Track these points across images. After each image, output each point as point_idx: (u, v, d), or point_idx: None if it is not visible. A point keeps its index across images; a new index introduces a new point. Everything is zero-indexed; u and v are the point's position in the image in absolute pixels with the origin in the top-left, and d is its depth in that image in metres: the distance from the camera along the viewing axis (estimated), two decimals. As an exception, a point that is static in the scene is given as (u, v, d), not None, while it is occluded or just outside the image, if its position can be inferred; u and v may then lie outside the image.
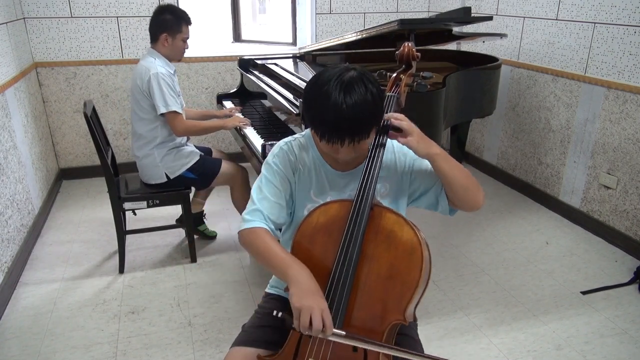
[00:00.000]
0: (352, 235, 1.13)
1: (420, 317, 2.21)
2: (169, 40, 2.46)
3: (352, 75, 1.11)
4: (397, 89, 1.31)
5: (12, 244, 2.54)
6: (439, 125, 2.38)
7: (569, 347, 2.06)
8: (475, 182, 1.24)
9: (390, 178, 1.30)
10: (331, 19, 4.07)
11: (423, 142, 1.18)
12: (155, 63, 2.43)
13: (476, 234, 3.01)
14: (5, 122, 2.71)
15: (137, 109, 2.49)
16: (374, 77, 1.16)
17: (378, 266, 1.13)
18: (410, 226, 1.13)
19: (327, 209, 1.21)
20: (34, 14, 3.41)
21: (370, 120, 1.12)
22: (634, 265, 2.61)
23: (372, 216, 1.16)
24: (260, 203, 1.24)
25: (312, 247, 1.19)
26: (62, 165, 3.83)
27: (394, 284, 1.11)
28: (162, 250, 2.83)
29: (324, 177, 1.29)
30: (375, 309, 1.12)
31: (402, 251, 1.12)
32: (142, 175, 2.62)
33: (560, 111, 3.16)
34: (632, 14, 2.61)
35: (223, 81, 3.98)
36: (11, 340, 2.11)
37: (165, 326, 2.20)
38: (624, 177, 2.77)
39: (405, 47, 1.35)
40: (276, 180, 1.26)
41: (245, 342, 1.27)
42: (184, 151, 2.59)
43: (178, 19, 2.45)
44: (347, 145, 1.13)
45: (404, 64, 1.38)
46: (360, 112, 1.09)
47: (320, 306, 1.05)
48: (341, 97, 1.09)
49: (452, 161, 1.20)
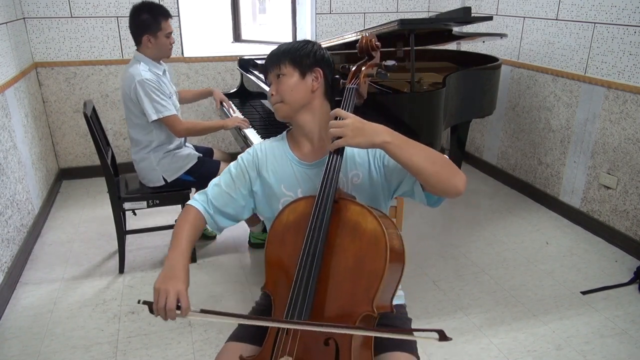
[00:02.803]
0: (315, 230, 1.13)
1: (420, 317, 2.23)
2: (152, 40, 2.40)
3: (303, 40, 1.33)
4: (356, 80, 1.31)
5: (12, 244, 2.54)
6: (439, 125, 2.38)
7: (569, 347, 2.06)
8: (449, 166, 1.14)
9: (362, 167, 1.29)
10: (331, 19, 4.07)
11: (362, 136, 1.09)
12: (140, 69, 2.37)
13: (476, 234, 3.01)
14: (5, 122, 2.71)
15: (130, 115, 2.47)
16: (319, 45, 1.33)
17: (344, 258, 1.13)
18: (374, 216, 1.12)
19: (295, 206, 1.22)
20: (34, 14, 3.41)
21: (281, 55, 1.28)
22: (634, 265, 2.61)
23: (337, 209, 1.16)
24: (212, 188, 1.36)
25: (283, 245, 1.20)
26: (62, 165, 3.83)
27: (361, 275, 1.10)
28: (162, 250, 2.83)
29: (292, 170, 1.32)
30: (344, 301, 1.12)
31: (367, 242, 1.11)
32: (140, 178, 2.62)
33: (560, 111, 3.16)
34: (632, 14, 2.61)
35: (223, 81, 3.98)
36: (11, 340, 2.11)
37: (165, 326, 2.20)
38: (624, 177, 2.77)
39: (363, 38, 1.35)
40: (234, 174, 1.35)
41: (240, 338, 1.29)
42: (181, 154, 2.58)
43: (155, 16, 2.37)
44: (270, 79, 1.31)
45: (365, 55, 1.38)
46: (278, 48, 1.30)
47: (176, 289, 1.10)
48: None
49: (413, 147, 1.12)
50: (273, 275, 1.22)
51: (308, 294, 1.10)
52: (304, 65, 1.28)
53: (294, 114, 1.30)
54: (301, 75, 1.28)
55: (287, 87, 1.27)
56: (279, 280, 1.20)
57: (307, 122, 1.31)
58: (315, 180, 1.29)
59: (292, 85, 1.27)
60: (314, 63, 1.29)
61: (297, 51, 1.28)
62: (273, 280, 1.22)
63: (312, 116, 1.30)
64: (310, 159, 1.32)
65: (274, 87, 1.30)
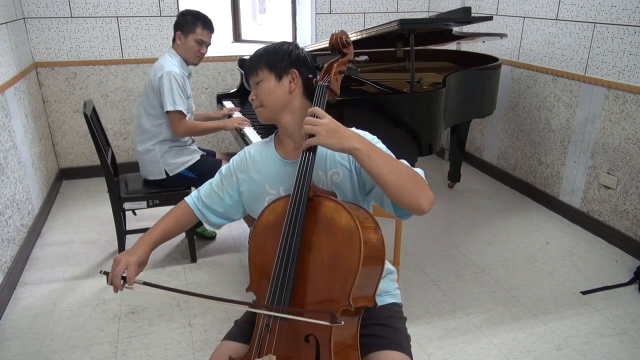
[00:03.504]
0: (290, 228, 1.14)
1: (420, 317, 2.23)
2: (182, 39, 2.49)
3: (279, 42, 1.35)
4: (327, 77, 1.31)
5: (12, 244, 2.54)
6: (439, 125, 2.38)
7: (569, 347, 2.06)
8: (416, 183, 1.14)
9: (342, 166, 1.29)
10: (331, 19, 4.07)
11: (333, 137, 1.10)
12: (171, 62, 2.47)
13: (476, 234, 3.01)
14: (5, 122, 2.71)
15: (146, 104, 2.52)
16: (297, 46, 1.34)
17: (320, 255, 1.13)
18: (348, 211, 1.11)
19: (275, 206, 1.23)
20: (34, 14, 3.41)
21: (259, 59, 1.31)
22: (634, 265, 2.61)
23: (312, 206, 1.16)
24: (205, 186, 1.44)
25: (265, 246, 1.21)
26: (62, 165, 3.83)
27: (337, 270, 1.11)
28: (162, 250, 2.83)
29: (275, 168, 1.35)
30: (321, 297, 1.12)
31: (341, 237, 1.11)
32: (142, 170, 2.64)
33: (560, 111, 3.16)
34: (632, 14, 2.61)
35: (223, 81, 3.98)
36: (11, 340, 2.11)
37: (165, 326, 2.20)
38: (624, 177, 2.77)
39: (333, 35, 1.35)
40: (223, 175, 1.42)
41: (236, 337, 1.30)
42: (186, 150, 2.61)
43: (195, 21, 2.47)
44: (251, 84, 1.33)
45: (337, 52, 1.38)
46: (255, 53, 1.34)
47: (126, 260, 1.22)
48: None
49: (381, 157, 1.12)
50: (257, 276, 1.23)
51: (285, 291, 1.11)
52: (280, 68, 1.30)
53: (275, 115, 1.32)
54: (277, 78, 1.30)
55: (264, 91, 1.29)
56: (262, 280, 1.21)
57: (288, 122, 1.32)
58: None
59: (269, 89, 1.29)
60: (289, 64, 1.30)
61: (271, 55, 1.31)
62: (257, 280, 1.23)
63: (293, 116, 1.32)
64: (291, 157, 1.34)
65: (253, 92, 1.33)
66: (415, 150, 2.30)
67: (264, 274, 1.20)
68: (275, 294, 1.12)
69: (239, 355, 1.21)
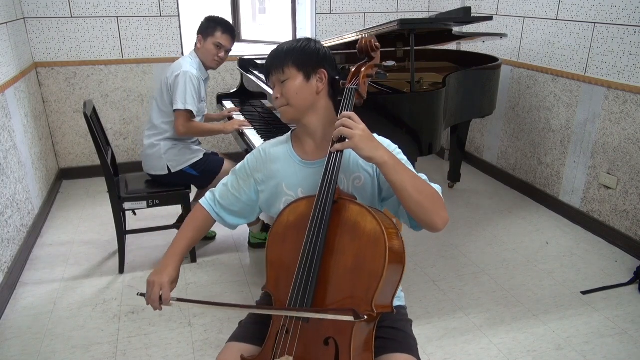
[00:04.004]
0: (315, 230, 1.13)
1: (420, 317, 2.23)
2: (201, 42, 2.53)
3: (304, 38, 1.29)
4: (356, 80, 1.30)
5: (12, 244, 2.54)
6: (439, 125, 2.38)
7: (569, 347, 2.06)
8: (435, 201, 1.17)
9: (364, 171, 1.29)
10: (331, 19, 4.07)
11: (367, 145, 1.12)
12: (190, 63, 2.51)
13: (476, 234, 3.01)
14: (5, 122, 2.71)
15: (159, 100, 2.56)
16: (319, 42, 1.30)
17: (344, 258, 1.13)
18: (373, 216, 1.12)
19: (296, 206, 1.22)
20: (34, 14, 3.41)
21: (284, 58, 1.25)
22: (634, 265, 2.61)
23: (337, 209, 1.16)
24: (220, 187, 1.41)
25: (284, 246, 1.21)
26: (62, 165, 3.83)
27: (360, 275, 1.10)
28: (162, 250, 2.83)
29: (293, 169, 1.32)
30: (343, 301, 1.12)
31: (366, 242, 1.11)
32: (144, 165, 2.65)
33: (560, 111, 3.16)
34: (632, 14, 2.61)
35: (223, 81, 3.98)
36: (11, 340, 2.11)
37: (165, 326, 2.20)
38: (624, 177, 2.77)
39: (362, 39, 1.35)
40: (240, 175, 1.39)
41: (241, 338, 1.29)
42: (190, 148, 2.64)
43: (216, 25, 2.51)
44: (273, 82, 1.28)
45: (365, 56, 1.38)
46: (279, 49, 1.27)
47: (159, 282, 1.23)
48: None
49: (406, 173, 1.14)
50: (274, 276, 1.22)
51: (307, 293, 1.11)
52: (308, 67, 1.26)
53: (300, 115, 1.29)
54: (306, 77, 1.26)
55: (292, 91, 1.25)
56: (280, 281, 1.21)
57: (312, 122, 1.30)
58: (316, 178, 1.28)
59: (297, 88, 1.25)
60: (318, 63, 1.27)
61: (300, 53, 1.26)
62: (274, 280, 1.22)
63: (317, 116, 1.30)
64: (311, 158, 1.32)
65: (278, 90, 1.27)
66: (415, 150, 2.29)
67: (282, 274, 1.20)
68: (298, 295, 1.11)
69: (250, 355, 1.21)
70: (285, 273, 1.19)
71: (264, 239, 2.82)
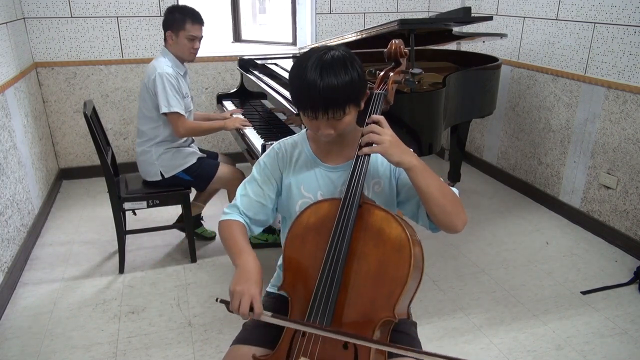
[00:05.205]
0: (340, 233, 1.13)
1: (420, 317, 2.23)
2: (173, 38, 2.47)
3: (333, 55, 1.15)
4: (384, 86, 1.30)
5: (12, 244, 2.54)
6: (439, 125, 2.38)
7: (569, 347, 2.06)
8: (456, 204, 1.19)
9: (384, 177, 1.30)
10: (331, 19, 4.07)
11: (396, 150, 1.13)
12: (163, 63, 2.46)
13: (476, 234, 3.01)
14: (5, 122, 2.71)
15: (143, 107, 2.53)
16: (356, 58, 1.18)
17: (367, 263, 1.13)
18: (399, 222, 1.13)
19: (317, 208, 1.22)
20: (34, 14, 3.41)
21: (344, 99, 1.14)
22: (634, 265, 2.61)
23: (361, 214, 1.16)
24: (241, 199, 1.34)
25: (303, 247, 1.20)
26: (62, 165, 3.83)
27: (383, 280, 1.11)
28: (162, 250, 2.83)
29: (314, 172, 1.31)
30: (365, 306, 1.12)
31: (391, 248, 1.11)
32: (140, 170, 2.65)
33: (560, 111, 3.16)
34: (632, 14, 2.61)
35: (223, 81, 3.98)
36: (11, 340, 2.11)
37: (165, 326, 2.20)
38: (624, 177, 2.77)
39: (392, 44, 1.34)
40: (260, 179, 1.33)
41: (246, 340, 1.28)
42: (183, 152, 2.59)
43: (184, 17, 2.44)
44: (324, 120, 1.16)
45: (393, 61, 1.38)
46: (332, 91, 1.12)
47: (250, 292, 1.12)
48: (317, 75, 1.12)
49: (431, 177, 1.16)
50: (291, 276, 1.21)
51: (331, 299, 1.11)
52: (362, 97, 1.22)
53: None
54: (358, 108, 1.22)
55: (347, 124, 1.20)
56: (298, 282, 1.20)
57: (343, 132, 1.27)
58: (337, 183, 1.29)
59: (351, 120, 1.21)
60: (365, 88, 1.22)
61: (356, 91, 1.17)
62: (291, 281, 1.21)
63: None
64: (334, 162, 1.31)
65: (330, 126, 1.19)
66: (415, 150, 2.25)
67: (301, 275, 1.19)
68: (322, 300, 1.11)
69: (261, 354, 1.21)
70: (303, 274, 1.18)
71: (265, 240, 2.82)
